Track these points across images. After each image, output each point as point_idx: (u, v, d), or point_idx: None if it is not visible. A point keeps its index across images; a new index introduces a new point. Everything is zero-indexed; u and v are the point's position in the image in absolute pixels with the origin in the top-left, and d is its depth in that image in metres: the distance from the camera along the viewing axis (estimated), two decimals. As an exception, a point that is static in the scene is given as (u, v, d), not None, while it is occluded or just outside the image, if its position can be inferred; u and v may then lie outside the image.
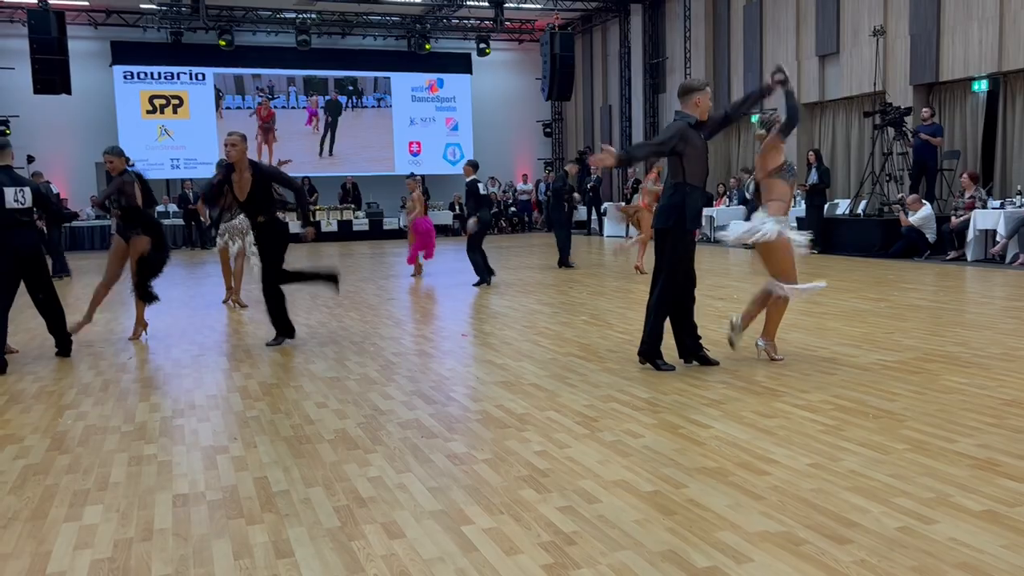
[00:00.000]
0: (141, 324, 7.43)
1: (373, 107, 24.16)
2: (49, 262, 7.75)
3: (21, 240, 6.23)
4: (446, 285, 11.14)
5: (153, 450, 4.08)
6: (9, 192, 6.13)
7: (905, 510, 3.05)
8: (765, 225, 5.42)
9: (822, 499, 3.18)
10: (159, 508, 3.31)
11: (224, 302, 9.68)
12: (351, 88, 23.87)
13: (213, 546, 2.94)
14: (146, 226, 7.13)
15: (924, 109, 13.56)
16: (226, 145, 6.61)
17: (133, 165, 7.38)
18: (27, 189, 6.24)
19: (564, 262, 12.89)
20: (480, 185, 11.07)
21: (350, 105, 23.96)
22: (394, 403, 4.87)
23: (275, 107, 23.29)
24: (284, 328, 6.94)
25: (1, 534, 3.10)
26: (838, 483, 3.34)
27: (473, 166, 11.17)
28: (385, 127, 24.40)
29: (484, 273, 10.81)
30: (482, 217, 10.88)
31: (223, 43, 21.56)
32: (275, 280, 6.82)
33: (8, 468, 3.86)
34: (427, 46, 23.80)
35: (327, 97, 23.71)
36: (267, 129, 23.15)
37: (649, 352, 5.49)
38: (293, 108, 23.52)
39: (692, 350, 5.59)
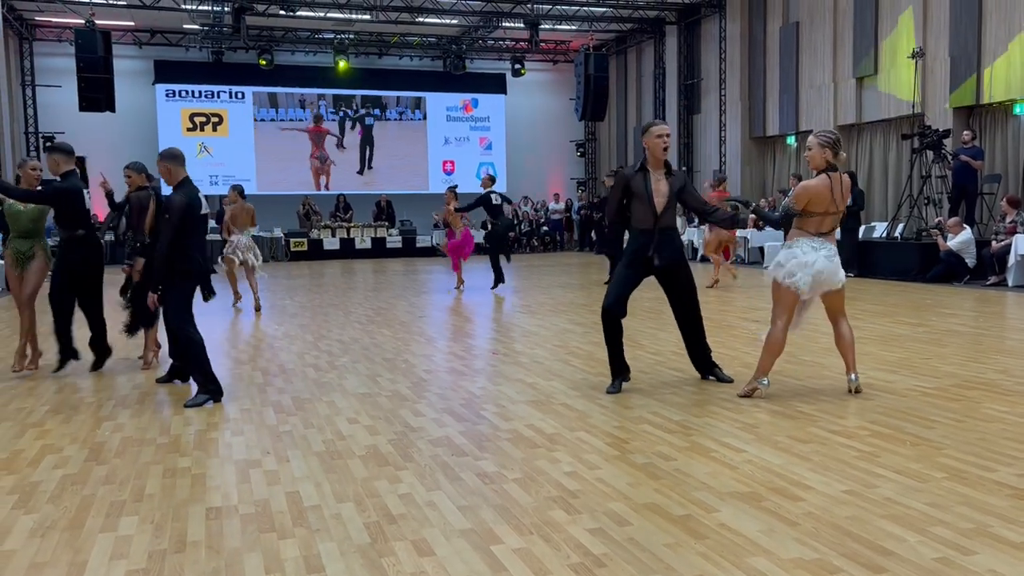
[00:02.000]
0: (152, 347, 6.88)
1: (398, 120, 24.38)
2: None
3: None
4: (477, 303, 11.18)
5: (187, 463, 4.13)
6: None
7: (943, 540, 2.99)
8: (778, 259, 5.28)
9: (857, 527, 3.12)
10: (192, 520, 3.35)
11: (233, 306, 10.76)
12: (375, 109, 24.15)
13: (245, 560, 2.97)
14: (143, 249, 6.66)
15: (965, 132, 13.38)
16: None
17: (155, 184, 7.13)
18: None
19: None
20: (493, 196, 12.01)
21: (384, 117, 24.27)
22: (425, 420, 4.88)
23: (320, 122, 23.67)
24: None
25: (39, 543, 3.16)
26: (874, 511, 3.28)
27: (491, 179, 12.45)
28: (419, 146, 24.63)
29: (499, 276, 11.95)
30: (504, 223, 12.09)
31: (263, 63, 21.94)
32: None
33: (47, 477, 3.93)
34: (463, 67, 24.02)
35: (360, 113, 24.08)
36: (319, 145, 23.70)
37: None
38: (332, 121, 23.96)
39: (706, 366, 5.83)
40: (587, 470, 3.88)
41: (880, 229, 14.86)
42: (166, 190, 6.04)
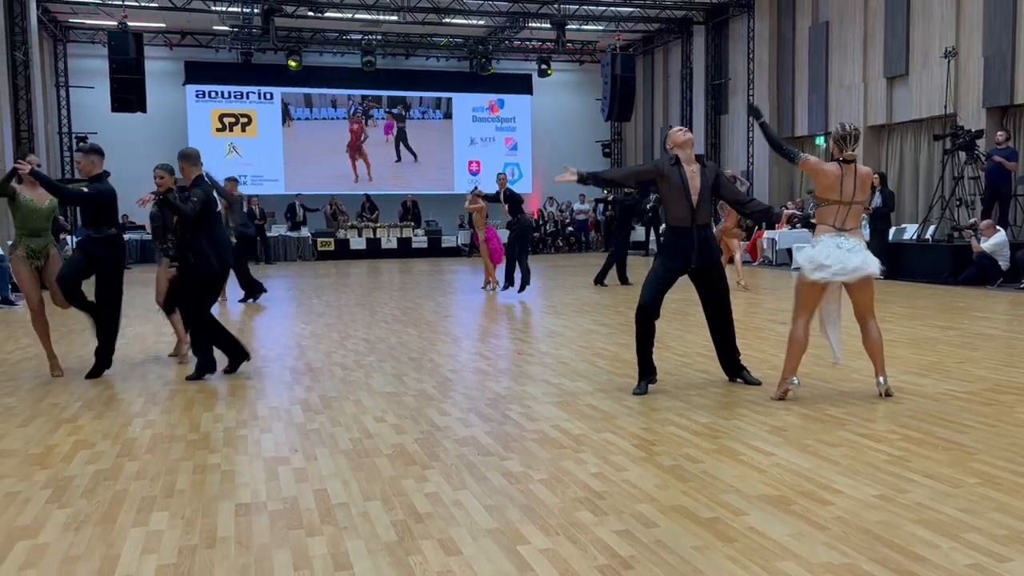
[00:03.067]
0: (184, 341, 7.04)
1: (421, 120, 24.46)
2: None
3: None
4: (502, 304, 11.19)
5: (217, 459, 4.18)
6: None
7: (976, 546, 2.94)
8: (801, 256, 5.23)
9: (888, 532, 3.09)
10: (222, 516, 3.38)
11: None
12: (400, 109, 24.25)
13: (274, 556, 2.99)
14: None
15: (999, 132, 13.17)
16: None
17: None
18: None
19: (623, 278, 13.22)
20: (501, 195, 12.11)
21: (408, 116, 24.39)
22: (451, 420, 4.90)
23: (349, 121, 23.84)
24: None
25: (73, 536, 3.21)
26: (905, 516, 3.24)
27: (506, 179, 12.65)
28: (446, 146, 24.71)
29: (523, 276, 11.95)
30: (525, 221, 12.09)
31: (293, 64, 22.12)
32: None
33: (81, 472, 4.00)
34: (489, 67, 24.06)
35: (391, 111, 24.25)
36: (357, 146, 23.90)
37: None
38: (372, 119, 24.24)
39: (734, 368, 5.78)
40: (614, 471, 3.87)
41: (911, 231, 14.67)
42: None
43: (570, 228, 24.17)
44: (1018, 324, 8.56)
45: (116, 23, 18.15)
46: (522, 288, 11.88)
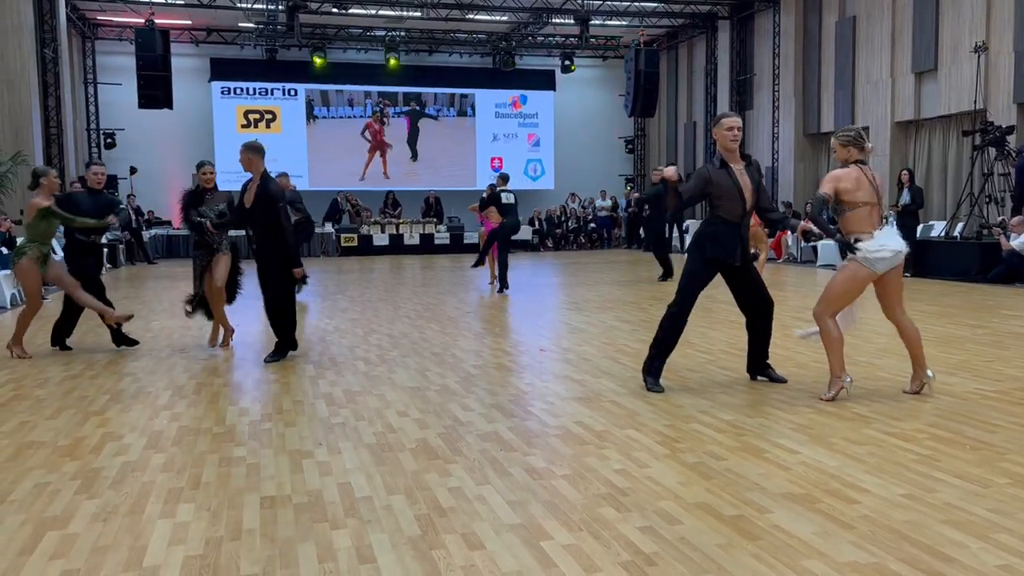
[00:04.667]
0: (229, 331, 7.58)
1: (436, 118, 24.47)
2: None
3: None
4: (524, 300, 11.19)
5: (242, 452, 4.22)
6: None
7: (1007, 547, 2.90)
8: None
9: (916, 531, 3.05)
10: (247, 509, 3.41)
11: None
12: (414, 105, 24.27)
13: (298, 549, 3.01)
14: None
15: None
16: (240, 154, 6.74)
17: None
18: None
19: (669, 274, 13.04)
20: (504, 195, 12.00)
21: (424, 114, 24.42)
22: (473, 415, 4.91)
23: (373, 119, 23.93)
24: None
25: (102, 527, 3.25)
26: (933, 515, 3.20)
27: (501, 178, 12.50)
28: (468, 142, 24.73)
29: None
30: (507, 223, 11.89)
31: (319, 60, 22.23)
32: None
33: (109, 464, 4.05)
34: (512, 63, 24.03)
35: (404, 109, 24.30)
36: (379, 144, 24.00)
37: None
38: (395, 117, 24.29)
39: (760, 366, 5.72)
40: (637, 468, 3.85)
41: (939, 228, 14.48)
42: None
43: (592, 225, 24.10)
44: (1049, 323, 8.42)
45: (143, 20, 18.34)
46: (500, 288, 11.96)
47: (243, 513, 3.37)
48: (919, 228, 14.27)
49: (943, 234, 14.03)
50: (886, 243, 5.02)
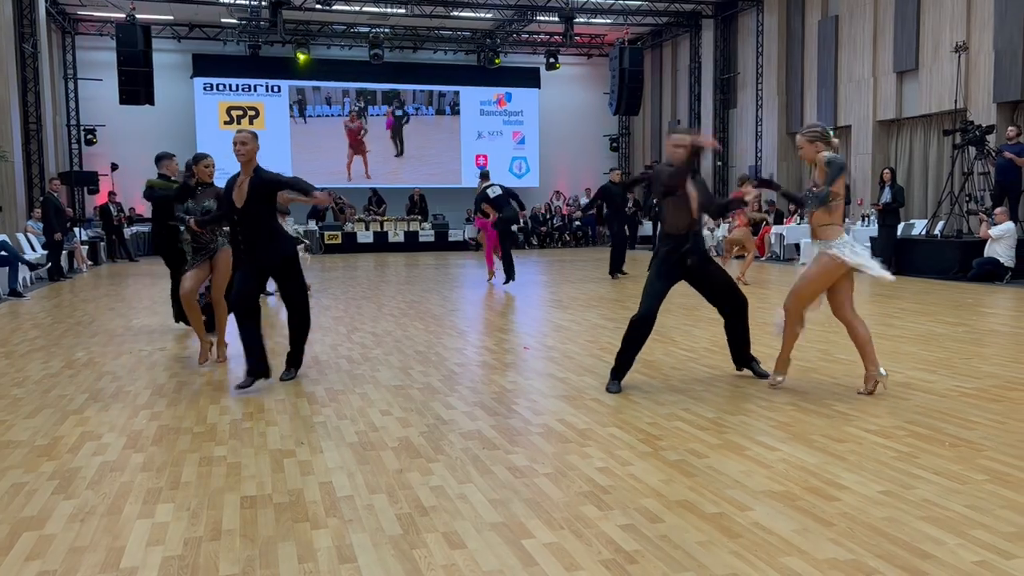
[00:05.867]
0: (219, 343, 6.74)
1: (416, 115, 24.38)
2: None
3: None
4: (508, 298, 11.19)
5: (223, 451, 4.19)
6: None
7: (983, 543, 2.93)
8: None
9: (894, 528, 3.07)
10: (227, 509, 3.39)
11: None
12: (397, 104, 24.14)
13: (279, 548, 3.00)
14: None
15: (1010, 128, 13.07)
16: (235, 143, 5.60)
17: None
18: None
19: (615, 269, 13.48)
20: (489, 190, 11.99)
21: (408, 111, 24.32)
22: (456, 413, 4.90)
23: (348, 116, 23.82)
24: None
25: (79, 528, 3.22)
26: (911, 512, 3.23)
27: (484, 176, 12.37)
28: (452, 140, 24.69)
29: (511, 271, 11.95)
30: (504, 216, 11.96)
31: (303, 56, 22.12)
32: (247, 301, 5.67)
33: (87, 464, 4.01)
34: (496, 60, 24.01)
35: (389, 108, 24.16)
36: (357, 144, 23.87)
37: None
38: (375, 116, 24.14)
39: (743, 359, 5.80)
40: (619, 466, 3.86)
41: (919, 227, 14.60)
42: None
43: (577, 223, 24.13)
44: (1027, 320, 8.52)
45: (124, 15, 18.17)
46: (506, 280, 12.22)
47: (223, 513, 3.34)
48: (900, 226, 14.38)
49: (924, 232, 14.15)
50: (854, 245, 5.16)
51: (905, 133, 16.61)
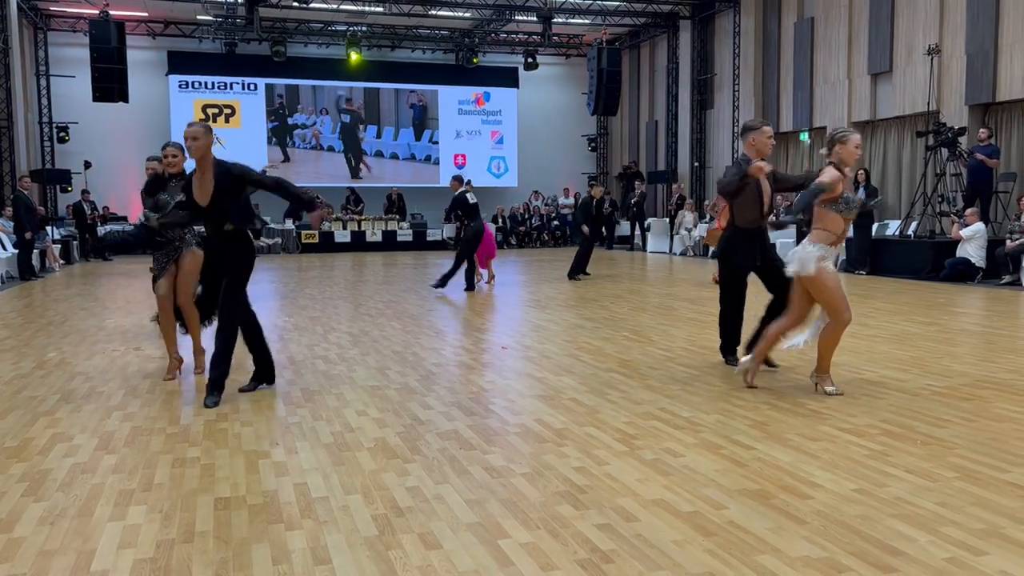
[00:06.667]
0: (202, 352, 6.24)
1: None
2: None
3: None
4: (487, 298, 11.18)
5: (196, 453, 4.15)
6: None
7: (954, 540, 2.96)
8: (807, 255, 5.07)
9: (867, 526, 3.10)
10: (201, 511, 3.35)
11: None
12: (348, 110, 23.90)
13: (252, 550, 2.97)
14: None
15: (981, 129, 13.26)
16: (186, 139, 5.24)
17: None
18: None
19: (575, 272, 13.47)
20: (469, 196, 11.75)
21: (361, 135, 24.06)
22: (433, 413, 4.88)
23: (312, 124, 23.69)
24: (264, 369, 5.60)
25: (48, 530, 3.17)
26: (884, 510, 3.26)
27: (459, 180, 12.02)
28: (430, 139, 24.63)
29: (471, 280, 11.60)
30: (473, 225, 11.66)
31: (278, 54, 21.96)
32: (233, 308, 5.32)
33: (57, 466, 3.95)
34: (475, 60, 23.99)
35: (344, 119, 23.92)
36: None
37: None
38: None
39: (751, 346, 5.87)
40: (595, 465, 3.87)
41: (893, 227, 14.77)
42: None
43: (555, 222, 24.17)
44: (997, 320, 8.65)
45: (98, 12, 17.95)
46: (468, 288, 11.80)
47: (196, 515, 3.31)
48: (874, 227, 14.54)
49: (898, 233, 14.31)
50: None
51: (879, 135, 16.79)
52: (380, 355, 6.83)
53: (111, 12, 17.95)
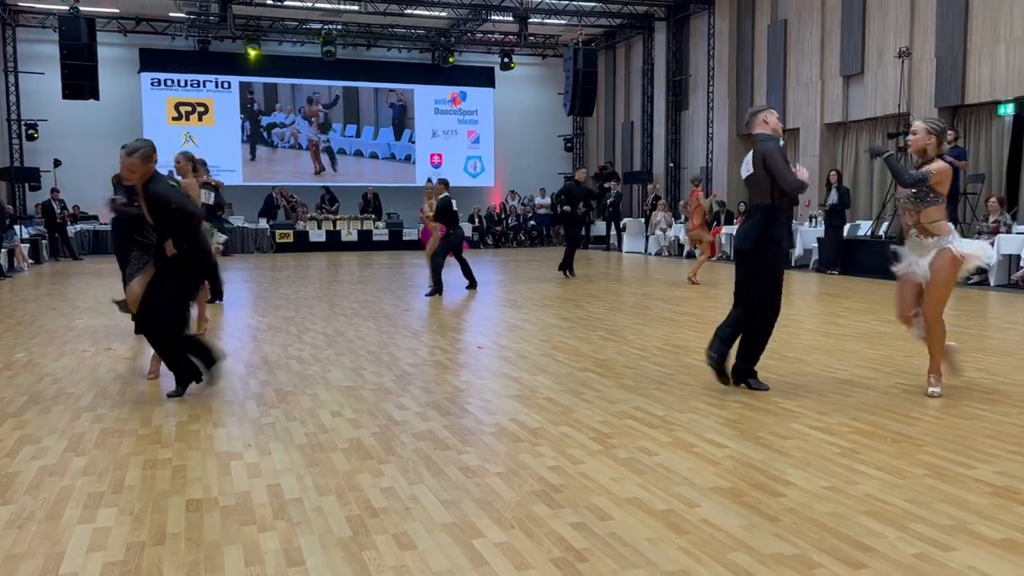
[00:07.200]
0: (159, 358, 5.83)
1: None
2: None
3: None
4: (463, 298, 11.16)
5: (168, 454, 4.10)
6: None
7: (922, 536, 3.01)
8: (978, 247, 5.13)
9: (837, 523, 3.14)
10: (172, 513, 3.32)
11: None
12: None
13: (225, 552, 2.95)
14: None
15: (949, 132, 13.44)
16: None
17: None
18: None
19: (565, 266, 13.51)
20: (453, 202, 11.70)
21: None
22: (408, 414, 4.87)
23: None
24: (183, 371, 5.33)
25: (16, 534, 3.12)
26: (854, 507, 3.30)
27: (445, 184, 11.87)
28: (406, 139, 24.56)
29: (438, 284, 11.18)
30: (456, 233, 11.55)
31: (254, 52, 21.79)
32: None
33: (25, 468, 3.89)
34: (451, 59, 23.96)
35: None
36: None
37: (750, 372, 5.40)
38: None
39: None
40: (570, 464, 3.88)
41: (865, 227, 14.95)
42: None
43: (532, 222, 24.20)
44: (965, 319, 8.78)
45: (67, 7, 17.69)
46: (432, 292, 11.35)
47: (167, 517, 3.27)
48: (846, 227, 14.71)
49: (869, 233, 14.49)
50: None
51: (851, 136, 16.99)
52: (355, 355, 6.80)
53: (81, 8, 17.70)
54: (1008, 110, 13.44)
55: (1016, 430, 4.38)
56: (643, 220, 20.75)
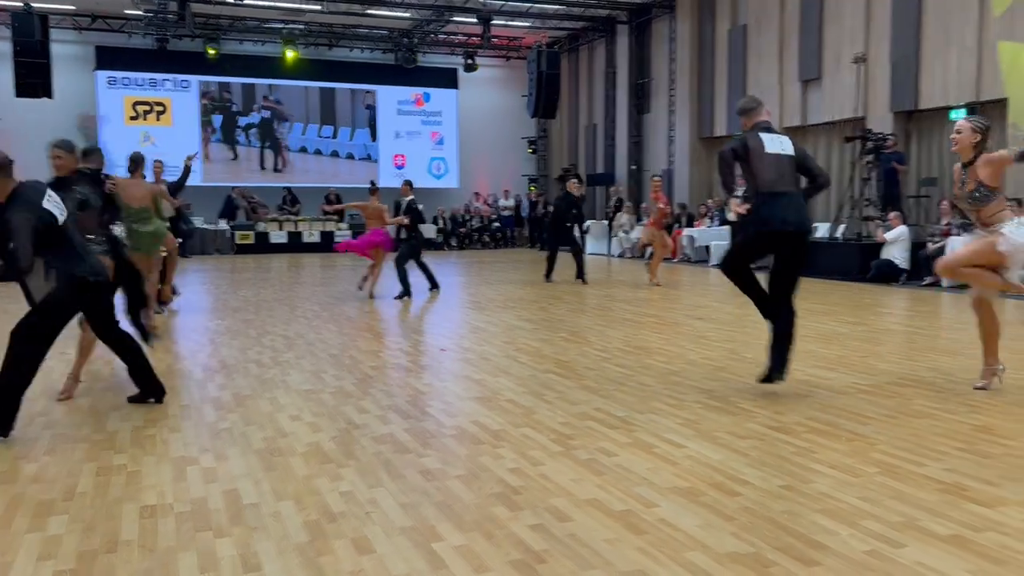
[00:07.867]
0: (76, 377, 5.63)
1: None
2: None
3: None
4: (426, 299, 11.13)
5: (122, 460, 4.03)
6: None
7: (873, 533, 3.07)
8: None
9: (792, 521, 3.19)
10: (126, 519, 3.26)
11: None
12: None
13: (179, 559, 2.90)
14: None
15: (888, 136, 13.78)
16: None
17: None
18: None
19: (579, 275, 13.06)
20: (419, 205, 11.82)
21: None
22: (369, 417, 4.84)
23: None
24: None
25: (-38, 543, 3.05)
26: (808, 505, 3.35)
27: (410, 185, 11.95)
28: (369, 139, 24.41)
29: (406, 287, 11.07)
30: (419, 236, 11.66)
31: (212, 51, 21.50)
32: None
33: (-27, 476, 3.80)
34: (414, 60, 23.87)
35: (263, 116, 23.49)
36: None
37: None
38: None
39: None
40: (531, 466, 3.89)
41: (823, 230, 15.20)
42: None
43: (496, 224, 24.20)
44: (919, 320, 8.98)
45: (20, 3, 17.29)
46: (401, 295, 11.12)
47: (120, 524, 3.22)
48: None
49: (827, 236, 14.73)
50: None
51: (809, 140, 17.24)
52: (316, 358, 6.74)
53: (34, 4, 17.30)
54: (960, 115, 13.76)
55: (965, 428, 4.49)
56: (606, 222, 20.86)
